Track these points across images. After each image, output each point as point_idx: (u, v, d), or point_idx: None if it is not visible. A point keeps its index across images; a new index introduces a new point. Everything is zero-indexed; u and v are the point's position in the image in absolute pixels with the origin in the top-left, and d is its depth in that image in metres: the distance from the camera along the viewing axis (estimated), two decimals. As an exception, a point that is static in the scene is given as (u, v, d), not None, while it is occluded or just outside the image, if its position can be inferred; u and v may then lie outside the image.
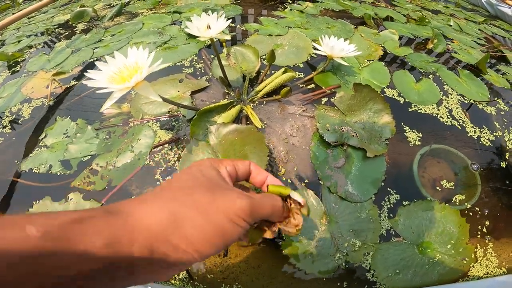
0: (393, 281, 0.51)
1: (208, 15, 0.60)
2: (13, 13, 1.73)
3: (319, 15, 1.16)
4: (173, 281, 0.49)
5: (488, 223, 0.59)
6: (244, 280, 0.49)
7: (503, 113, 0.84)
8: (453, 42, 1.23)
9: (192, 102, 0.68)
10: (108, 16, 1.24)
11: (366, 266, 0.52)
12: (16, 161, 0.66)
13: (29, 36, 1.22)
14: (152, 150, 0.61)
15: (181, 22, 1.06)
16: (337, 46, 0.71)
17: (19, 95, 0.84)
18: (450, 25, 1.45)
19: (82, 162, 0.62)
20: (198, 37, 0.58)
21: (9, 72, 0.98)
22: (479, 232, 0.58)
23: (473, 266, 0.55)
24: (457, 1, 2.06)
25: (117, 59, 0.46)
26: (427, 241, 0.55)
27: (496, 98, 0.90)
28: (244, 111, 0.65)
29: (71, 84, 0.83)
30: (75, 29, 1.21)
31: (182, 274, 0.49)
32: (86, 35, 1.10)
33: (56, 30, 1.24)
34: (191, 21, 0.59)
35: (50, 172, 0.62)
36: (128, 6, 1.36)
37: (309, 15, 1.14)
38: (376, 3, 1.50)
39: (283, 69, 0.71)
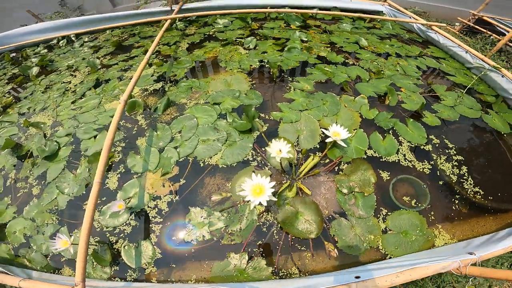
0: (395, 252, 1.18)
1: (277, 141, 1.24)
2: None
3: (314, 91, 1.86)
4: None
5: (436, 215, 1.30)
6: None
7: (437, 145, 1.60)
8: (402, 91, 2.01)
9: (269, 185, 1.33)
10: (160, 109, 1.80)
11: (379, 246, 1.20)
12: (174, 236, 1.25)
13: (99, 129, 1.73)
14: (258, 217, 1.25)
15: (225, 114, 1.69)
16: (339, 135, 1.40)
17: (146, 194, 1.39)
18: (397, 70, 2.23)
19: (221, 230, 1.24)
20: (250, 133, 1.26)
21: (117, 174, 1.52)
22: (434, 221, 1.27)
23: (435, 240, 1.23)
24: (398, 32, 2.90)
25: (248, 182, 1.09)
26: (405, 230, 1.25)
27: (431, 136, 1.65)
28: (298, 185, 1.32)
29: (181, 183, 1.42)
30: (139, 123, 1.75)
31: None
32: (156, 132, 1.67)
33: (121, 123, 1.77)
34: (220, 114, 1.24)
35: (204, 238, 1.23)
36: (168, 92, 1.93)
37: (308, 93, 1.84)
38: (346, 60, 2.25)
39: (312, 157, 1.39)
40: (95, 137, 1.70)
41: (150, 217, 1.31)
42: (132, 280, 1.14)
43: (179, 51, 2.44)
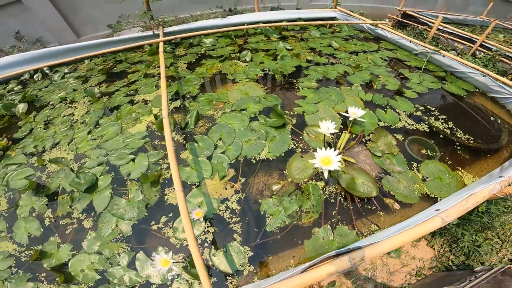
0: (441, 194, 1.41)
1: (327, 121, 1.41)
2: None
3: (318, 87, 2.11)
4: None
5: (453, 160, 1.60)
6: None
7: (424, 110, 1.96)
8: (380, 77, 2.39)
9: (322, 164, 1.50)
10: (192, 123, 1.82)
11: (427, 192, 1.42)
12: (255, 230, 1.31)
13: (133, 153, 1.68)
14: (322, 191, 1.40)
15: (256, 117, 1.81)
16: (357, 114, 1.64)
17: (212, 200, 1.41)
18: (370, 63, 2.64)
19: (296, 212, 1.34)
20: (284, 127, 1.51)
21: (173, 189, 1.48)
22: (454, 165, 1.57)
23: (463, 179, 1.51)
24: (354, 33, 3.40)
25: (319, 153, 1.24)
26: (438, 176, 1.51)
27: (416, 105, 2.03)
28: (342, 158, 1.51)
29: (242, 181, 1.48)
30: (174, 139, 1.75)
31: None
32: (197, 143, 1.69)
33: (156, 142, 1.74)
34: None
35: (285, 223, 1.31)
36: (190, 108, 1.96)
37: (314, 89, 2.07)
38: (330, 61, 2.57)
39: (343, 135, 1.61)
40: (133, 160, 1.65)
41: (226, 219, 1.34)
42: (235, 286, 1.14)
43: (181, 71, 2.47)
